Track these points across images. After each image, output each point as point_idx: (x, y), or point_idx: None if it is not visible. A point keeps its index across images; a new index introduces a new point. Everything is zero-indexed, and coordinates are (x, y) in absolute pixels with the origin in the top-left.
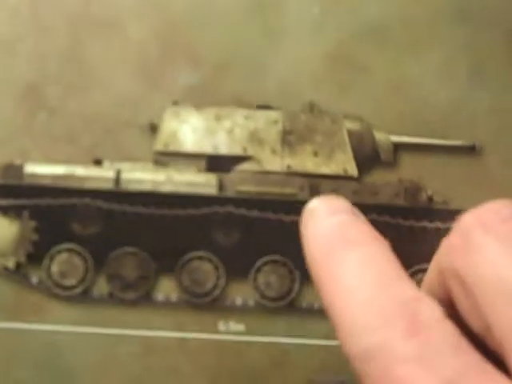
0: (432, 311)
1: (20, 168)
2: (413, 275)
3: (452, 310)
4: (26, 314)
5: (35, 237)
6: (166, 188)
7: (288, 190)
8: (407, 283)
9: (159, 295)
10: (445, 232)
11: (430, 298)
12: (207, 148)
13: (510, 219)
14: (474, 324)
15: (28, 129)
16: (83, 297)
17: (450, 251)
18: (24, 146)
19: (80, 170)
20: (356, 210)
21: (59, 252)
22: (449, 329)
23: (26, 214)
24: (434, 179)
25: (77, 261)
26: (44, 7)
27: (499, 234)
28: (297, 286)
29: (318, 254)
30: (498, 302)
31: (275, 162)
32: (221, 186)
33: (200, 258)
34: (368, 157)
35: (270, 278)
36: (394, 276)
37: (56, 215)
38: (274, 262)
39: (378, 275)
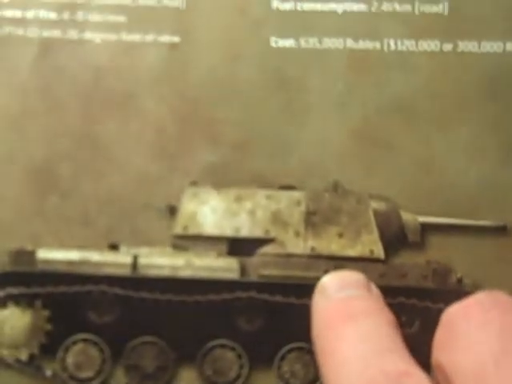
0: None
1: (32, 254)
2: None
3: None
4: None
5: (49, 327)
6: (186, 273)
7: (312, 274)
8: (400, 357)
9: None
10: None
11: (420, 370)
12: (228, 230)
13: (492, 309)
14: None
15: (39, 211)
16: None
17: (436, 347)
18: (35, 230)
19: (95, 256)
20: (372, 286)
21: (74, 343)
22: None
23: (38, 302)
24: (464, 261)
25: (93, 351)
26: (54, 82)
27: (480, 323)
28: None
29: (320, 328)
30: None
31: (299, 245)
32: (243, 271)
33: (222, 346)
34: (395, 238)
35: (295, 366)
36: (389, 349)
37: (70, 303)
38: (299, 349)
39: (372, 348)
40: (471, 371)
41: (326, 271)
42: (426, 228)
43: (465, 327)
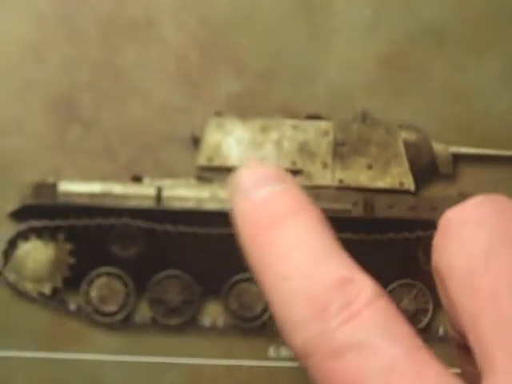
0: (366, 290)
1: (53, 187)
2: None
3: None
4: (65, 342)
5: (72, 260)
6: (211, 205)
7: (340, 206)
8: (338, 259)
9: (205, 320)
10: None
11: (361, 273)
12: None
13: (488, 208)
14: (454, 321)
15: (60, 144)
16: (125, 323)
17: (434, 251)
18: (57, 163)
19: (118, 188)
20: (286, 175)
21: (98, 276)
22: (383, 309)
23: (61, 236)
24: (497, 192)
25: (117, 285)
26: (73, 10)
27: (475, 222)
28: None
29: (247, 236)
30: (464, 289)
31: (326, 176)
32: None
33: (248, 279)
34: (426, 169)
35: None
36: (325, 253)
37: (93, 237)
38: None
39: (307, 256)
40: (463, 270)
41: (355, 204)
42: (458, 159)
43: (460, 226)
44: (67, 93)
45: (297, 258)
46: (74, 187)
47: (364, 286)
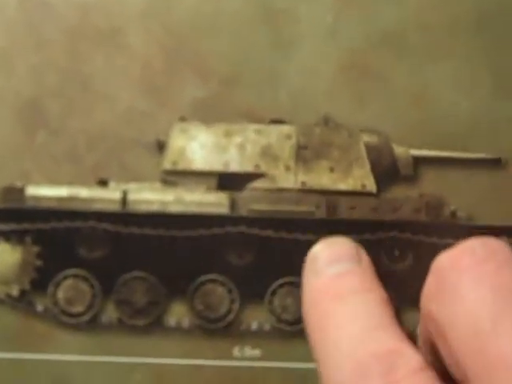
0: (410, 362)
1: (21, 191)
2: None
3: (437, 355)
4: (32, 343)
5: (39, 262)
6: (176, 208)
7: (303, 208)
8: (391, 334)
9: (171, 321)
10: None
11: (411, 347)
12: (217, 165)
13: (485, 261)
14: (454, 370)
15: (28, 148)
16: (91, 324)
17: (427, 297)
18: (24, 167)
19: (84, 192)
20: (361, 253)
21: (65, 278)
22: (426, 381)
23: (28, 238)
24: (457, 194)
25: (83, 287)
26: (41, 18)
27: (474, 277)
28: None
29: (310, 305)
30: (470, 348)
31: (289, 179)
32: (233, 205)
33: (213, 280)
34: (387, 171)
35: (286, 300)
36: (378, 327)
37: (60, 239)
38: (290, 283)
39: (361, 328)
40: (467, 325)
41: (318, 206)
42: (418, 161)
43: (457, 278)
44: (35, 99)
45: (351, 329)
46: (41, 191)
47: (410, 358)
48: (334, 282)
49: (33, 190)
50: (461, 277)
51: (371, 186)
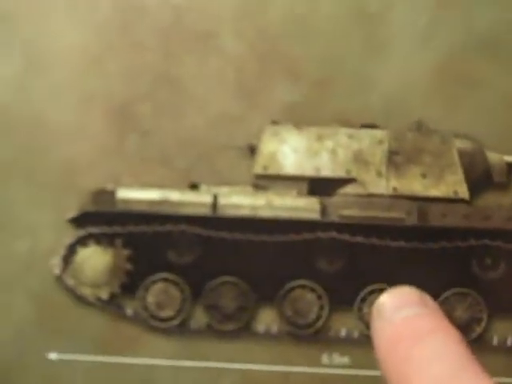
0: None
1: (112, 193)
2: None
3: None
4: (121, 346)
5: (129, 266)
6: (266, 213)
7: (394, 215)
8: (475, 375)
9: (260, 327)
10: None
11: None
12: (309, 170)
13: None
14: None
15: (119, 151)
16: (180, 329)
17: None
18: (115, 170)
19: (175, 195)
20: (427, 299)
21: (155, 282)
22: None
23: (119, 242)
24: None
25: (173, 291)
26: (135, 20)
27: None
28: None
29: (386, 351)
30: None
31: (380, 185)
32: (323, 211)
33: (302, 286)
34: (480, 178)
35: None
36: (462, 368)
37: (151, 243)
38: (381, 290)
39: (445, 369)
40: None
41: (409, 212)
42: None
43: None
44: (127, 102)
45: (434, 371)
46: (131, 194)
47: None
48: (407, 325)
49: (123, 193)
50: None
51: (464, 192)
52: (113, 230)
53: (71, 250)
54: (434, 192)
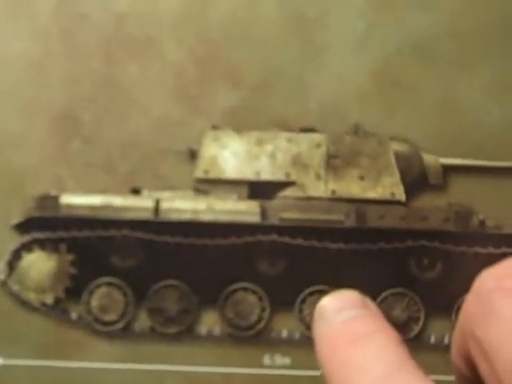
0: None
1: (56, 199)
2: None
3: (475, 372)
4: (66, 351)
5: (73, 271)
6: (207, 217)
7: (333, 217)
8: (413, 376)
9: (202, 329)
10: (498, 258)
11: None
12: (249, 174)
13: None
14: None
15: (63, 157)
16: (124, 332)
17: (470, 317)
18: (60, 175)
19: (118, 200)
20: (367, 302)
21: (98, 286)
22: None
23: (63, 247)
24: (486, 203)
25: (117, 295)
26: (76, 26)
27: None
28: None
29: (325, 355)
30: None
31: (319, 188)
32: (264, 214)
33: (244, 289)
34: (416, 180)
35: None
36: (400, 368)
37: (94, 248)
38: (320, 291)
39: (383, 371)
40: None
41: (348, 214)
42: (448, 170)
43: (503, 301)
44: (69, 108)
45: (374, 372)
46: (75, 199)
47: None
48: (346, 328)
49: (67, 199)
50: (504, 299)
51: (400, 194)
52: (57, 235)
53: (16, 256)
54: (372, 194)
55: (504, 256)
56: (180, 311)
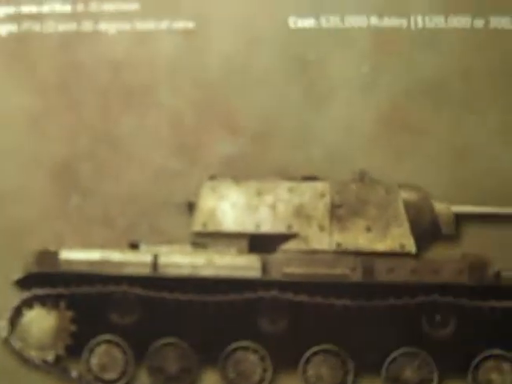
0: None
1: (55, 254)
2: (482, 362)
3: None
4: None
5: (73, 328)
6: (207, 272)
7: (338, 271)
8: None
9: None
10: None
11: None
12: (249, 226)
13: None
14: None
15: (62, 212)
16: None
17: None
18: (58, 230)
19: (116, 255)
20: None
21: (98, 344)
22: None
23: (62, 303)
24: (502, 253)
25: (116, 353)
26: (73, 78)
27: None
28: (351, 377)
29: None
30: None
31: (323, 240)
32: (265, 268)
33: (245, 348)
34: (427, 230)
35: (321, 369)
36: None
37: (93, 304)
38: (326, 351)
39: None
40: None
41: (354, 268)
42: (460, 218)
43: None
44: (68, 161)
45: None
46: (74, 255)
47: None
48: None
49: (66, 254)
50: None
51: (410, 246)
52: (56, 291)
53: (17, 313)
54: (380, 246)
55: None
56: (180, 370)
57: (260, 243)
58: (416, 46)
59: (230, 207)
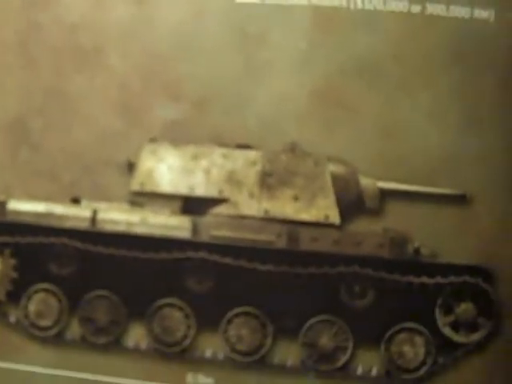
0: None
1: (3, 205)
2: (396, 334)
3: None
4: (3, 352)
5: (15, 275)
6: (140, 230)
7: (264, 237)
8: None
9: (130, 341)
10: (432, 288)
11: None
12: (183, 189)
13: None
14: None
15: (11, 164)
16: (57, 339)
17: None
18: (7, 182)
19: (59, 209)
20: None
21: (36, 292)
22: None
23: (7, 251)
24: (422, 230)
25: (52, 301)
26: (31, 39)
27: None
28: (269, 340)
29: None
30: None
31: (252, 206)
32: (195, 230)
33: (171, 305)
34: (352, 203)
35: (241, 330)
36: None
37: (35, 254)
38: (247, 313)
39: None
40: None
41: (279, 235)
42: (385, 194)
43: None
44: (20, 116)
45: None
46: (21, 206)
47: None
48: None
49: (14, 205)
50: None
51: (335, 217)
52: (2, 239)
53: None
54: (305, 216)
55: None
56: (109, 322)
57: (193, 206)
58: (354, 27)
59: (167, 169)
